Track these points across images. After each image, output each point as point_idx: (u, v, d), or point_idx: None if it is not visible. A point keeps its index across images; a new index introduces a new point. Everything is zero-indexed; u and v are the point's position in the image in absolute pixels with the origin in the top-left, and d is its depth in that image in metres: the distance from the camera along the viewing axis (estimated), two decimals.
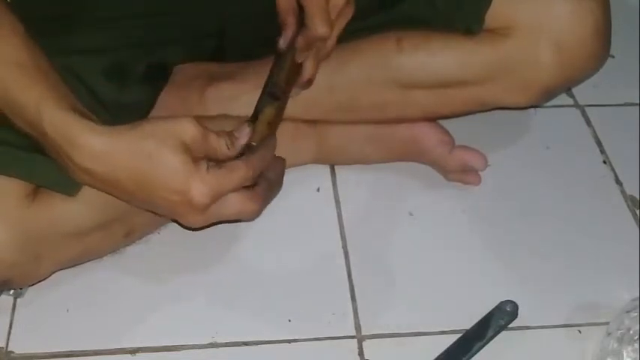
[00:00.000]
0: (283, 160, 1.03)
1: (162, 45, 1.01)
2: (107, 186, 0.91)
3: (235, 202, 0.92)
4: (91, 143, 0.88)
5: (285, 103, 1.04)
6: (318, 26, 1.01)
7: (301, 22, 1.03)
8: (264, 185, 0.96)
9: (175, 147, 0.88)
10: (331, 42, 1.05)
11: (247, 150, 0.95)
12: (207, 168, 0.90)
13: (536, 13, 1.05)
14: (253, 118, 0.99)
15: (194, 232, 1.10)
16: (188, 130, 0.89)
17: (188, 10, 1.11)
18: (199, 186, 0.89)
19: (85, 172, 0.90)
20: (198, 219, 0.92)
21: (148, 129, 0.89)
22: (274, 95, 1.02)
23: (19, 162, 0.94)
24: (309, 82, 1.06)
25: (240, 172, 0.92)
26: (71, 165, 0.90)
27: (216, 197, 0.91)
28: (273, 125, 1.00)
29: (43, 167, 0.94)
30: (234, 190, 0.92)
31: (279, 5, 1.03)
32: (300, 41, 1.03)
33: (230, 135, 0.93)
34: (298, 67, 1.05)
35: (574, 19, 1.04)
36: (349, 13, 1.04)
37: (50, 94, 0.89)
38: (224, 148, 0.92)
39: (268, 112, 1.00)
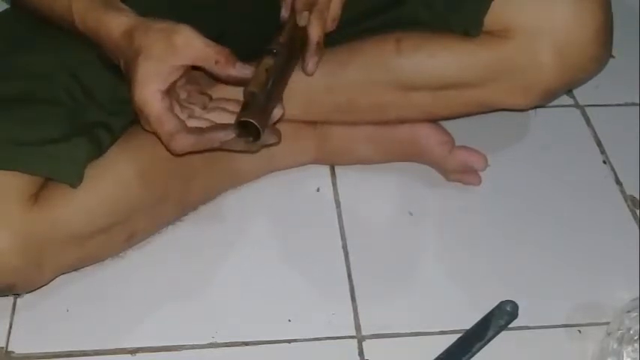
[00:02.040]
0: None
1: None
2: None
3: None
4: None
5: (288, 61, 1.01)
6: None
7: None
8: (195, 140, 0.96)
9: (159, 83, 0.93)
10: (334, 7, 1.03)
11: (247, 96, 0.96)
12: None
13: (536, 16, 1.05)
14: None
15: (194, 232, 1.10)
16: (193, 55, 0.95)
17: (188, 13, 1.11)
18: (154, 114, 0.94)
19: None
20: (136, 110, 0.95)
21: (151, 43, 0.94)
22: (271, 51, 1.00)
23: (20, 155, 0.95)
24: (319, 48, 1.03)
25: (189, 139, 0.95)
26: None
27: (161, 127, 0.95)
28: (273, 74, 0.98)
29: (44, 159, 0.95)
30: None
31: None
32: (298, 2, 1.02)
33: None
34: (303, 34, 1.03)
35: (575, 21, 1.04)
36: None
37: None
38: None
39: (265, 61, 0.99)
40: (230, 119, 0.97)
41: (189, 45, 0.95)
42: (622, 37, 1.16)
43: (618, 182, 1.21)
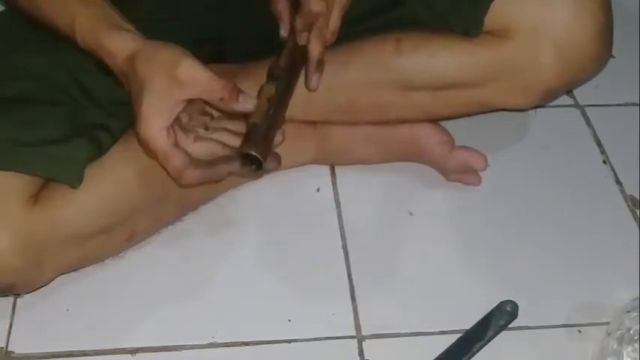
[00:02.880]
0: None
1: None
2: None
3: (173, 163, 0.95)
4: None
5: (289, 84, 1.03)
6: (312, 3, 1.01)
7: (296, 6, 1.02)
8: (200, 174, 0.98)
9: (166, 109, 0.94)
10: (333, 22, 1.03)
11: (250, 127, 0.97)
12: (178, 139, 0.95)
13: (537, 15, 1.05)
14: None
15: (194, 232, 1.10)
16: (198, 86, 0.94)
17: (188, 16, 1.12)
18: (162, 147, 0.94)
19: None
20: (142, 145, 0.96)
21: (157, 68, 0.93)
22: (273, 75, 1.01)
23: (20, 155, 0.95)
24: (320, 65, 1.04)
25: (193, 174, 0.96)
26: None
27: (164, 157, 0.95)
28: (274, 102, 0.99)
29: (44, 159, 0.95)
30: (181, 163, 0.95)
31: None
32: (298, 22, 1.02)
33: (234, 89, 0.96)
34: (303, 51, 1.04)
35: (575, 21, 1.04)
36: None
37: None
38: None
39: (267, 88, 1.00)
40: (233, 140, 0.99)
41: (194, 79, 0.94)
42: (622, 37, 1.16)
43: (618, 182, 1.21)
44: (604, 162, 1.24)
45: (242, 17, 1.13)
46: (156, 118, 0.93)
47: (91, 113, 1.01)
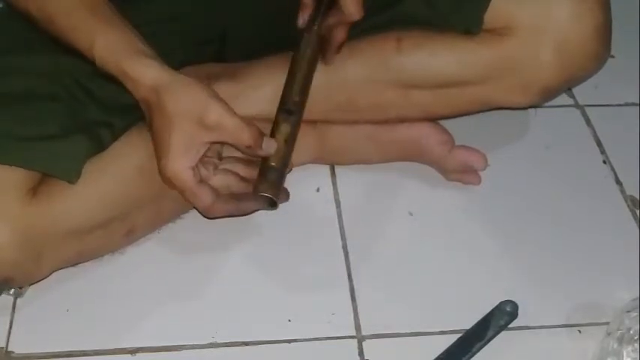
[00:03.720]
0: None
1: (163, 51, 1.01)
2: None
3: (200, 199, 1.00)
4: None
5: (300, 116, 1.07)
6: (349, 6, 1.03)
7: (319, 5, 1.05)
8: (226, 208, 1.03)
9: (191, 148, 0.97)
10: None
11: (267, 168, 1.02)
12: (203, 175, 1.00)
13: (536, 13, 1.05)
14: (272, 134, 1.04)
15: (193, 233, 1.10)
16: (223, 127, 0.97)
17: (189, 17, 1.11)
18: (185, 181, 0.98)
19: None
20: (165, 180, 0.99)
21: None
22: (289, 111, 1.06)
23: (18, 150, 0.95)
24: (339, 48, 1.08)
25: (220, 207, 1.01)
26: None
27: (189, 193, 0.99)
28: (289, 142, 1.05)
29: (43, 154, 0.95)
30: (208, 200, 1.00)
31: None
32: (330, 21, 1.05)
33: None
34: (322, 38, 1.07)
35: (574, 18, 1.04)
36: None
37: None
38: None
39: (284, 129, 1.04)
40: (243, 170, 1.06)
41: (222, 125, 0.97)
42: (622, 37, 1.16)
43: (618, 182, 1.21)
44: (604, 162, 1.24)
45: (243, 18, 1.13)
46: (184, 157, 0.97)
47: (91, 111, 1.01)
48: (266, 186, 1.03)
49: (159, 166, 0.98)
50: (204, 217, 1.04)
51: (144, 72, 0.96)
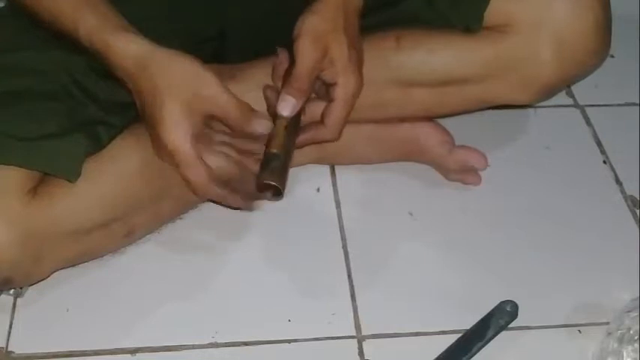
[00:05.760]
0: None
1: None
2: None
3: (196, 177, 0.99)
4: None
5: (303, 107, 1.04)
6: (329, 134, 1.05)
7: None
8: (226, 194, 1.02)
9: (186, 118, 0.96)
10: (335, 114, 1.05)
11: (269, 156, 0.99)
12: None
13: (536, 10, 1.05)
14: (273, 122, 1.02)
15: (194, 233, 1.10)
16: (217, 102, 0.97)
17: (189, 17, 1.11)
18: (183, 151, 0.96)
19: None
20: (161, 156, 0.99)
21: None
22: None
23: (18, 150, 0.95)
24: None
25: (214, 191, 1.00)
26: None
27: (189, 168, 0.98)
28: (290, 129, 1.02)
29: (43, 154, 0.95)
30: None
31: (302, 66, 1.01)
32: (306, 138, 1.05)
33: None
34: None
35: (574, 15, 1.05)
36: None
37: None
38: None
39: (279, 123, 1.02)
40: (237, 157, 1.04)
41: (215, 97, 0.97)
42: (621, 36, 1.16)
43: (618, 182, 1.21)
44: (604, 162, 1.24)
45: (242, 18, 1.13)
46: (181, 125, 0.96)
47: (89, 109, 1.01)
48: (270, 174, 1.00)
49: (152, 137, 0.98)
50: (194, 193, 1.01)
51: (128, 44, 0.97)
